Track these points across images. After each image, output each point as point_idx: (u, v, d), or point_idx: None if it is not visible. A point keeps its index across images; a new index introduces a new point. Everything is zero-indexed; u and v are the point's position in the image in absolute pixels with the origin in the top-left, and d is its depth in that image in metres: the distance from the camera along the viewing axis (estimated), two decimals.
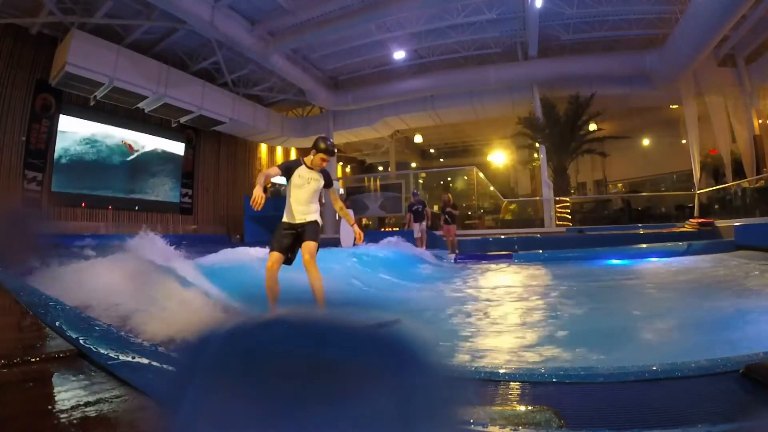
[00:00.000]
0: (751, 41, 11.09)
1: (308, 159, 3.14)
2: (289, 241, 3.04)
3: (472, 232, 12.48)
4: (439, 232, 9.99)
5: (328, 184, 3.23)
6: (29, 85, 9.92)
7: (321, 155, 3.08)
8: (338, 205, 3.49)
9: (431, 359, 0.43)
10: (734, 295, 3.52)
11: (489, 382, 1.13)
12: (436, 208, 14.91)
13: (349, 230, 8.27)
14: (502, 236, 10.69)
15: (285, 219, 3.12)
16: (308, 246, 2.98)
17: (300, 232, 3.06)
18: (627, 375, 1.15)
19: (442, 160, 22.67)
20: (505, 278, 5.64)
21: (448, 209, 9.10)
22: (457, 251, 8.97)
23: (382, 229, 9.65)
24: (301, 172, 3.12)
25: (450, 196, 9.56)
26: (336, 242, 8.60)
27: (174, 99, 11.76)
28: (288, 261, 3.03)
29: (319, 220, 3.15)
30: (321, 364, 0.41)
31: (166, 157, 13.63)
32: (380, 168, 22.14)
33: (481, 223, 14.33)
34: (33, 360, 0.93)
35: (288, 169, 3.11)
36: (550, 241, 10.08)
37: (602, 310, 3.28)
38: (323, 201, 4.62)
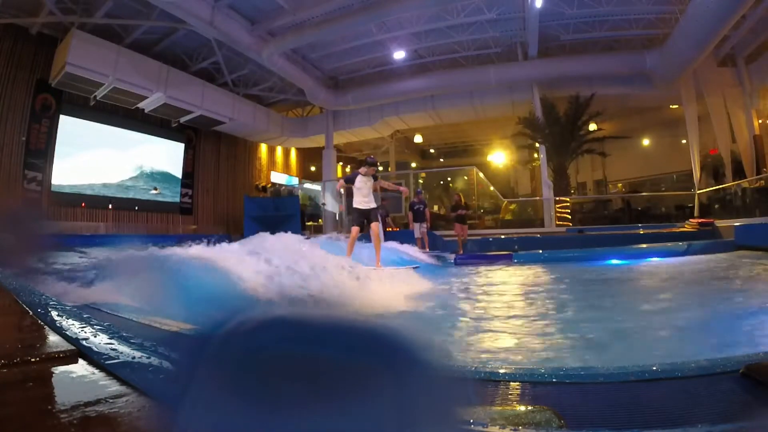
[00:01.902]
0: (751, 41, 11.08)
1: (363, 171, 5.39)
2: (362, 219, 5.31)
3: (472, 232, 12.45)
4: (438, 232, 10.00)
5: (375, 179, 5.49)
6: (29, 85, 9.92)
7: (372, 168, 5.40)
8: (383, 185, 5.90)
9: (430, 359, 0.43)
10: (734, 295, 3.52)
11: (489, 382, 1.13)
12: (436, 208, 14.91)
13: None
14: (502, 236, 10.69)
15: (358, 206, 5.34)
16: (375, 225, 5.32)
17: (367, 215, 5.32)
18: (627, 375, 1.14)
19: (442, 160, 22.67)
20: (504, 278, 5.64)
21: (461, 211, 9.08)
22: (461, 251, 8.97)
23: (387, 230, 9.72)
24: (360, 178, 5.36)
25: (461, 195, 9.58)
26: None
27: (174, 99, 11.76)
28: (362, 230, 5.27)
29: (375, 205, 5.40)
30: (320, 364, 0.41)
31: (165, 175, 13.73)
32: (380, 168, 22.14)
33: (481, 223, 14.33)
34: (33, 360, 0.93)
35: (350, 180, 5.43)
36: (550, 241, 10.09)
37: (602, 311, 3.28)
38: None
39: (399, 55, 13.00)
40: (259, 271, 3.52)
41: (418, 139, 18.67)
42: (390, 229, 9.99)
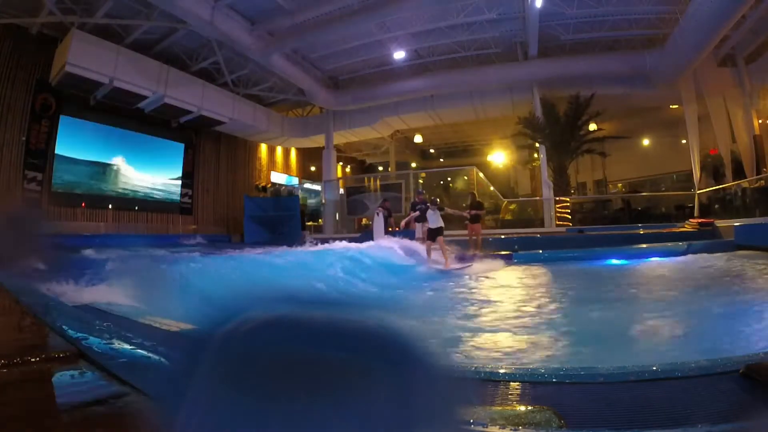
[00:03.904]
0: (751, 41, 11.07)
1: (432, 208, 7.37)
2: (434, 235, 7.21)
3: None
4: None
5: (441, 210, 7.56)
6: (29, 85, 9.92)
7: (436, 206, 7.44)
8: (448, 212, 8.09)
9: (431, 359, 0.43)
10: (733, 295, 3.52)
11: (489, 382, 1.13)
12: None
13: (379, 227, 9.01)
14: (502, 236, 10.67)
15: (431, 227, 7.23)
16: (441, 238, 7.15)
17: (436, 232, 7.19)
18: (627, 375, 1.15)
19: (442, 160, 22.66)
20: (504, 278, 5.64)
21: (474, 210, 9.04)
22: (480, 251, 8.92)
23: (389, 229, 9.76)
24: (430, 211, 7.33)
25: (475, 193, 9.55)
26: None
27: (174, 99, 11.75)
28: (433, 241, 7.29)
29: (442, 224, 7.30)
30: (320, 364, 0.41)
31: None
32: (380, 168, 22.14)
33: (482, 223, 14.29)
34: (33, 360, 0.93)
35: (423, 212, 7.76)
36: (550, 241, 10.07)
37: (601, 310, 3.28)
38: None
39: (399, 55, 12.99)
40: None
41: (418, 139, 18.65)
42: (392, 229, 10.05)
